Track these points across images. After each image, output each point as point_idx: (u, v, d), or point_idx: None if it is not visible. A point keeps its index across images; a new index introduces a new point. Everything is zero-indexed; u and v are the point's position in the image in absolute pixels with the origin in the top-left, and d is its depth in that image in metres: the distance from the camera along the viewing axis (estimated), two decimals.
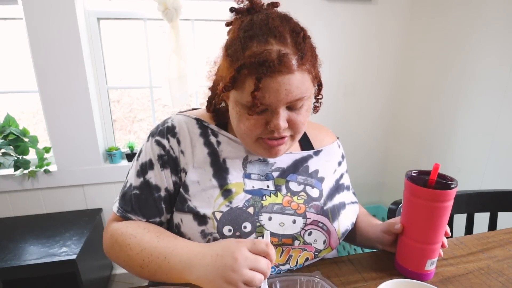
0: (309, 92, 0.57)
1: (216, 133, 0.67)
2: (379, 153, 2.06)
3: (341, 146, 0.80)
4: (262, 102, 0.53)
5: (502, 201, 0.91)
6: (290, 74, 0.52)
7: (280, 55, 0.51)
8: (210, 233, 0.59)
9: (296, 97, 0.54)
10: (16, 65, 1.63)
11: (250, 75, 0.52)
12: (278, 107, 0.54)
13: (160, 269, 0.55)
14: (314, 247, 0.64)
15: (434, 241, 0.58)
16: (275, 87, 0.52)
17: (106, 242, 0.63)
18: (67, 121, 1.54)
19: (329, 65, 1.78)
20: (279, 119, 0.55)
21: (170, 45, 1.45)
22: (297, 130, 0.59)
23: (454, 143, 1.57)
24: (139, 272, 0.58)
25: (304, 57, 0.54)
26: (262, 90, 0.52)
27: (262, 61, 0.51)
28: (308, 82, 0.56)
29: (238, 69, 0.53)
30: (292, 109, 0.57)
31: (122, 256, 0.59)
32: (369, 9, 1.72)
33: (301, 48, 0.54)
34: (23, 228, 1.53)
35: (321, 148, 0.74)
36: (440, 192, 0.54)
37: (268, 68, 0.51)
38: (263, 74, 0.51)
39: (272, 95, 0.53)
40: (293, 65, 0.52)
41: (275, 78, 0.52)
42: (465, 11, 1.45)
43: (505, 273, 0.62)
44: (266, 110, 0.56)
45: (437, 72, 1.65)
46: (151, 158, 0.64)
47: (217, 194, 0.61)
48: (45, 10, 1.37)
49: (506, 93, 1.29)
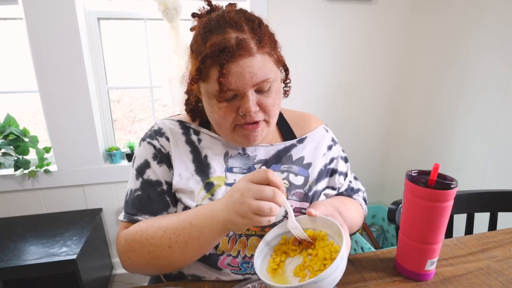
0: (273, 73, 0.59)
1: (197, 132, 0.69)
2: (379, 153, 2.06)
3: (329, 131, 0.78)
4: (229, 87, 0.56)
5: (502, 201, 0.90)
6: (251, 57, 0.55)
7: (238, 40, 0.55)
8: None
9: (261, 79, 0.57)
10: (16, 65, 1.63)
11: (213, 63, 0.55)
12: (245, 91, 0.56)
13: (190, 237, 0.55)
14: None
15: (434, 241, 0.58)
16: (238, 71, 0.55)
17: (122, 249, 0.61)
18: (67, 121, 1.54)
19: (329, 65, 1.78)
20: (249, 102, 0.57)
21: (170, 45, 1.45)
22: (269, 113, 0.60)
23: (454, 143, 1.57)
24: (168, 256, 0.57)
25: (262, 40, 0.57)
26: (227, 75, 0.55)
27: (222, 48, 0.54)
28: (270, 64, 0.58)
29: (202, 60, 0.56)
30: (261, 92, 0.59)
31: (145, 251, 0.58)
32: (369, 9, 1.72)
33: (257, 33, 0.57)
34: (23, 228, 1.53)
35: (305, 136, 0.73)
36: (440, 192, 0.54)
37: (228, 53, 0.54)
38: (225, 60, 0.54)
39: (238, 79, 0.55)
40: (252, 48, 0.56)
41: (237, 62, 0.55)
42: (465, 11, 1.45)
43: (505, 273, 0.62)
44: (236, 96, 0.58)
45: (437, 72, 1.65)
46: (146, 158, 0.66)
47: (199, 187, 0.63)
48: (45, 10, 1.37)
49: (506, 93, 1.29)
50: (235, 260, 0.62)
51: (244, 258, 0.63)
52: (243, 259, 0.63)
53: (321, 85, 1.81)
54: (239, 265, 0.63)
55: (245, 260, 0.63)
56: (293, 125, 0.76)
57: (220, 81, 0.55)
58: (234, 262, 0.63)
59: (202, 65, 0.56)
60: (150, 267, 0.59)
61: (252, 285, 0.53)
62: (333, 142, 0.76)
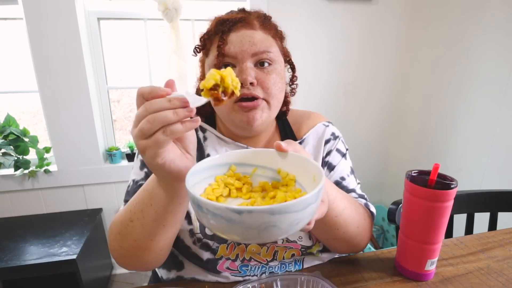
0: (275, 52, 0.60)
1: (204, 129, 0.69)
2: (379, 153, 2.06)
3: (330, 126, 0.73)
4: (227, 52, 0.57)
5: (502, 201, 0.90)
6: (253, 30, 0.58)
7: (243, 16, 0.59)
8: (195, 233, 0.61)
9: (261, 49, 0.58)
10: (16, 65, 1.63)
11: (216, 34, 0.59)
12: (244, 58, 0.57)
13: (144, 203, 0.49)
14: (300, 244, 0.64)
15: (434, 241, 0.58)
16: (238, 39, 0.57)
17: (108, 238, 0.57)
18: (67, 121, 1.54)
19: (329, 65, 1.78)
20: (246, 71, 0.57)
21: (170, 45, 1.45)
22: (269, 91, 0.59)
23: (454, 143, 1.57)
24: (132, 233, 0.51)
25: (266, 23, 0.60)
26: (227, 43, 0.57)
27: (225, 20, 0.58)
28: (273, 44, 0.60)
29: (207, 32, 0.60)
30: (260, 68, 0.59)
31: (116, 231, 0.53)
32: (369, 9, 1.72)
33: (262, 18, 0.61)
34: (23, 228, 1.53)
35: (304, 137, 0.70)
36: (440, 192, 0.54)
37: (231, 23, 0.57)
38: (226, 28, 0.57)
39: (237, 46, 0.57)
40: (255, 24, 0.59)
41: (238, 31, 0.58)
42: (465, 11, 1.45)
43: (505, 273, 0.62)
44: (235, 67, 0.59)
45: (437, 72, 1.65)
46: None
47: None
48: (45, 10, 1.37)
49: (506, 93, 1.29)
50: (234, 264, 0.62)
51: (243, 261, 0.63)
52: (242, 262, 0.63)
53: (321, 85, 1.81)
54: (238, 268, 0.63)
55: (244, 263, 0.63)
56: (294, 125, 0.74)
57: (219, 45, 0.57)
58: (233, 266, 0.63)
59: (206, 35, 0.60)
60: (124, 252, 0.54)
61: (252, 285, 0.53)
62: (332, 136, 0.71)
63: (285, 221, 0.32)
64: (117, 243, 0.54)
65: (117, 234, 0.53)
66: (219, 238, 0.60)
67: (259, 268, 0.64)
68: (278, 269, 0.65)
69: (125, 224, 0.52)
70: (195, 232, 0.61)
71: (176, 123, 0.37)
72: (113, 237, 0.55)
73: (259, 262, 0.64)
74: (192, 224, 0.61)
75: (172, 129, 0.37)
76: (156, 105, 0.37)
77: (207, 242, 0.61)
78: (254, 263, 0.63)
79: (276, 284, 0.54)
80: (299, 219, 0.33)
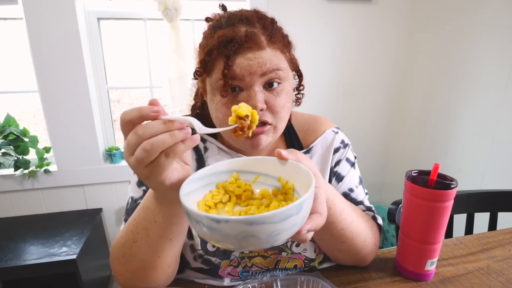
0: (285, 69, 0.54)
1: (204, 139, 0.65)
2: (379, 153, 2.06)
3: (340, 132, 0.69)
4: (234, 77, 0.51)
5: (502, 201, 0.90)
6: (260, 50, 0.51)
7: (248, 32, 0.51)
8: (196, 249, 0.60)
9: (271, 68, 0.52)
10: (16, 65, 1.63)
11: (219, 55, 0.51)
12: (252, 81, 0.51)
13: (147, 221, 0.48)
14: (304, 255, 0.63)
15: (434, 241, 0.58)
16: (245, 62, 0.51)
17: (111, 262, 0.55)
18: (67, 121, 1.54)
19: (329, 65, 1.78)
20: (255, 96, 0.51)
21: (170, 45, 1.45)
22: (278, 114, 0.54)
23: (454, 143, 1.57)
24: (138, 253, 0.50)
25: (273, 36, 0.53)
26: (233, 67, 0.51)
27: (229, 39, 0.50)
28: (282, 60, 0.54)
29: (207, 52, 0.52)
30: (270, 90, 0.54)
31: (120, 255, 0.52)
32: (369, 9, 1.72)
33: (269, 30, 0.53)
34: (23, 228, 1.53)
35: (311, 145, 0.67)
36: (440, 192, 0.54)
37: (236, 44, 0.50)
38: (231, 51, 0.50)
39: (244, 69, 0.51)
40: (262, 41, 0.52)
41: (244, 54, 0.51)
42: (465, 11, 1.45)
43: (505, 273, 0.62)
44: (242, 91, 0.53)
45: (437, 72, 1.65)
46: None
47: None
48: (45, 10, 1.37)
49: (506, 93, 1.29)
50: (235, 270, 0.63)
51: (244, 268, 0.63)
52: (244, 269, 0.63)
53: (321, 85, 1.81)
54: (239, 274, 0.63)
55: (245, 270, 0.63)
56: (300, 132, 0.70)
57: (225, 73, 0.50)
58: (235, 272, 0.63)
59: (207, 57, 0.52)
60: (130, 275, 0.52)
61: (252, 285, 0.53)
62: (342, 145, 0.68)
63: (264, 231, 0.31)
64: (122, 266, 0.52)
65: (121, 257, 0.52)
66: (221, 254, 0.59)
67: (260, 274, 0.64)
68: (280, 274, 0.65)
69: (128, 246, 0.50)
70: (196, 248, 0.60)
71: (177, 143, 0.35)
72: (117, 262, 0.53)
73: (260, 268, 0.64)
74: (193, 240, 0.60)
75: (175, 151, 0.35)
76: (150, 129, 0.34)
77: (209, 258, 0.60)
78: (256, 269, 0.64)
79: (276, 284, 0.54)
80: (279, 231, 0.32)
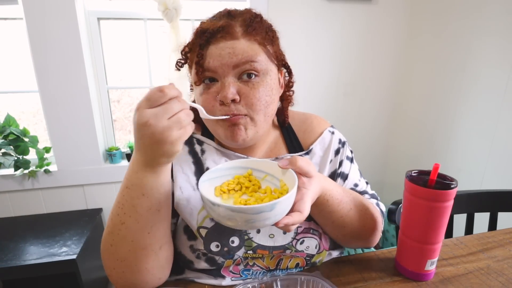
0: (262, 61, 0.54)
1: (200, 142, 0.65)
2: (379, 153, 2.06)
3: (336, 132, 0.71)
4: (206, 67, 0.53)
5: (502, 201, 0.90)
6: (234, 40, 0.53)
7: (224, 25, 0.53)
8: (198, 249, 0.60)
9: (243, 59, 0.52)
10: (16, 65, 1.63)
11: (195, 46, 0.54)
12: (225, 73, 0.53)
13: (134, 197, 0.48)
14: (306, 253, 0.63)
15: (434, 241, 0.58)
16: (217, 52, 0.53)
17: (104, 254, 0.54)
18: (67, 121, 1.54)
19: (329, 65, 1.78)
20: (225, 87, 0.53)
21: (170, 45, 1.45)
22: (253, 106, 0.54)
23: (454, 143, 1.57)
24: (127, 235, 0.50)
25: (252, 28, 0.55)
26: (206, 56, 0.53)
27: (204, 30, 0.53)
28: (259, 51, 0.55)
29: (188, 44, 0.56)
30: (245, 82, 0.54)
31: (108, 244, 0.52)
32: (369, 9, 1.72)
33: (249, 23, 0.55)
34: (23, 228, 1.53)
35: (311, 147, 0.68)
36: (440, 192, 0.54)
37: (209, 34, 0.52)
38: (204, 41, 0.53)
39: (216, 60, 0.53)
40: (237, 32, 0.53)
41: (217, 44, 0.53)
42: (465, 11, 1.45)
43: (505, 273, 0.62)
44: (217, 82, 0.55)
45: (437, 72, 1.65)
46: None
47: (200, 206, 0.59)
48: (45, 10, 1.37)
49: (506, 93, 1.29)
50: (237, 268, 0.62)
51: (246, 266, 0.63)
52: (245, 267, 0.63)
53: (321, 85, 1.81)
54: (240, 272, 0.63)
55: (246, 268, 0.63)
56: (298, 132, 0.70)
57: (197, 61, 0.53)
58: (236, 269, 0.62)
59: (187, 48, 0.56)
60: (122, 265, 0.52)
61: (252, 285, 0.53)
62: (340, 145, 0.69)
63: (241, 218, 0.42)
64: (112, 256, 0.52)
65: (110, 247, 0.51)
66: (224, 253, 0.59)
67: (260, 274, 0.64)
68: (280, 274, 0.65)
69: (116, 230, 0.50)
70: (197, 248, 0.60)
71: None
72: (106, 254, 0.52)
73: (261, 268, 0.64)
74: (193, 240, 0.60)
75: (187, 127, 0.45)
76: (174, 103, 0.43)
77: (213, 257, 0.60)
78: (257, 268, 0.63)
79: (276, 284, 0.54)
80: (253, 220, 0.42)
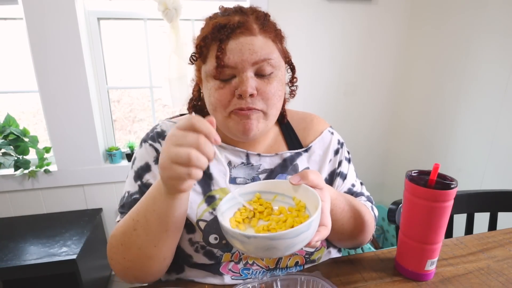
0: (276, 58, 0.57)
1: None
2: (379, 153, 2.06)
3: (335, 133, 0.73)
4: (227, 63, 0.54)
5: (502, 201, 0.90)
6: (252, 36, 0.55)
7: (241, 20, 0.55)
8: (197, 241, 0.60)
9: (262, 57, 0.55)
10: (16, 65, 1.63)
11: (213, 40, 0.55)
12: (244, 68, 0.55)
13: (147, 210, 0.51)
14: (305, 251, 0.63)
15: (434, 241, 0.58)
16: (237, 47, 0.54)
17: (107, 251, 0.57)
18: (67, 121, 1.54)
19: (329, 65, 1.78)
20: (247, 82, 0.54)
21: (170, 45, 1.45)
22: (269, 101, 0.57)
23: (454, 143, 1.57)
24: (136, 241, 0.53)
25: (266, 26, 0.57)
26: (226, 51, 0.54)
27: (223, 25, 0.54)
28: (274, 49, 0.57)
29: (203, 38, 0.56)
30: (261, 77, 0.56)
31: (119, 243, 0.55)
32: (369, 9, 1.72)
33: (262, 20, 0.57)
34: (23, 228, 1.53)
35: (310, 145, 0.69)
36: (440, 192, 0.54)
37: (229, 29, 0.54)
38: (224, 35, 0.54)
39: (236, 55, 0.54)
40: (255, 28, 0.55)
41: (237, 39, 0.54)
42: (465, 11, 1.45)
43: (505, 273, 0.62)
44: (234, 77, 0.56)
45: (437, 72, 1.65)
46: (147, 161, 0.64)
47: (200, 200, 0.61)
48: (45, 10, 1.37)
49: (506, 93, 1.29)
50: (236, 266, 0.62)
51: (245, 265, 0.63)
52: (245, 266, 0.63)
53: (321, 85, 1.81)
54: (240, 271, 0.63)
55: (246, 267, 0.63)
56: (297, 130, 0.72)
57: (218, 55, 0.54)
58: (236, 268, 0.62)
59: (202, 42, 0.56)
60: (128, 263, 0.55)
61: (252, 285, 0.53)
62: (339, 145, 0.72)
63: (282, 244, 0.41)
64: (120, 255, 0.55)
65: (120, 245, 0.54)
66: (223, 246, 0.60)
67: (260, 273, 0.64)
68: (280, 273, 0.65)
69: (128, 233, 0.53)
70: (196, 240, 0.60)
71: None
72: (115, 250, 0.55)
73: (261, 267, 0.64)
74: (192, 234, 0.60)
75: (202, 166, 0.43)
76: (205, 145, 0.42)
77: (211, 250, 0.60)
78: (256, 267, 0.64)
79: (276, 284, 0.54)
80: (294, 243, 0.42)
